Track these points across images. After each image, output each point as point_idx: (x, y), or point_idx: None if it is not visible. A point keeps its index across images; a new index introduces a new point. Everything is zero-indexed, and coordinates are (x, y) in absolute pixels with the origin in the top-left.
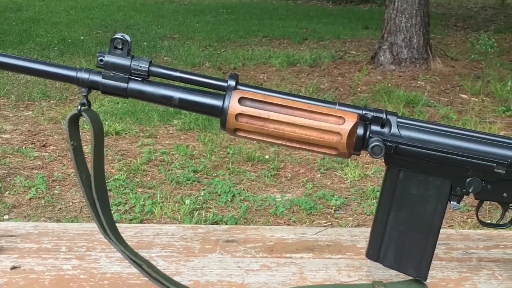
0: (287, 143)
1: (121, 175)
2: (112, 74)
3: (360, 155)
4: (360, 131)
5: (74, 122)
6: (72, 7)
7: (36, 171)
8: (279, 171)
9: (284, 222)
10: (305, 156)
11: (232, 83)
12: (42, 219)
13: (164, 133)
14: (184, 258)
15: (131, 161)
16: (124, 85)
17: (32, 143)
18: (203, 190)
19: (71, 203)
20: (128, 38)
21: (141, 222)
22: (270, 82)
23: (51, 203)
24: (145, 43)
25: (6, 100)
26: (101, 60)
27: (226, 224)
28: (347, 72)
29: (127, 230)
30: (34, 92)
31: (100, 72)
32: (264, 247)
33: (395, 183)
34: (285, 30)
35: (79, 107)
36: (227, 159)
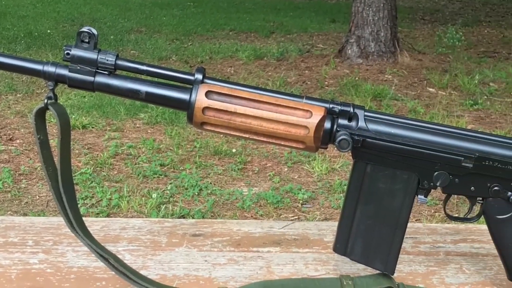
0: (254, 137)
1: (87, 168)
2: (78, 68)
3: (328, 149)
4: (327, 124)
5: (40, 116)
6: (39, 1)
7: (2, 164)
8: (246, 165)
9: (251, 216)
10: (272, 149)
11: (199, 76)
12: (9, 213)
13: (130, 126)
14: (151, 252)
15: (97, 154)
16: (90, 78)
17: None
18: (170, 184)
19: (37, 197)
20: (94, 31)
21: (107, 216)
22: (237, 75)
23: (18, 197)
24: (111, 37)
25: None
26: (67, 54)
27: (193, 218)
28: (314, 65)
29: (93, 224)
30: (0, 85)
31: (66, 65)
32: (231, 241)
33: (362, 177)
34: (252, 23)
35: (46, 101)
36: (194, 153)
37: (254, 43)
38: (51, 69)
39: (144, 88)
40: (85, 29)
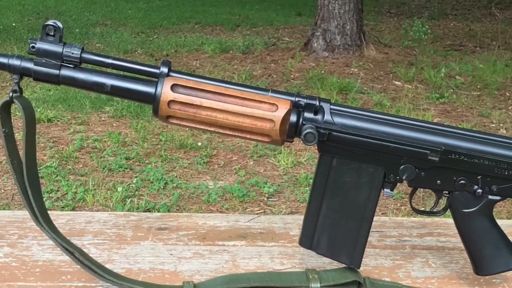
0: (220, 130)
1: (53, 162)
2: (44, 61)
3: (293, 142)
4: (293, 118)
5: (5, 109)
6: None
7: None
8: (211, 158)
9: (217, 210)
10: (238, 143)
11: (164, 70)
12: None
13: (96, 120)
14: (116, 246)
15: (63, 148)
16: (56, 72)
17: None
18: (136, 177)
19: (2, 191)
20: (60, 24)
21: (73, 209)
22: (202, 69)
23: None
24: (77, 30)
25: None
26: (33, 47)
27: (159, 211)
28: (280, 59)
29: (59, 218)
30: None
31: (32, 59)
32: (196, 235)
33: (328, 171)
34: (218, 16)
35: (11, 94)
36: (159, 146)
37: (220, 36)
38: (16, 62)
39: (109, 81)
40: (50, 22)
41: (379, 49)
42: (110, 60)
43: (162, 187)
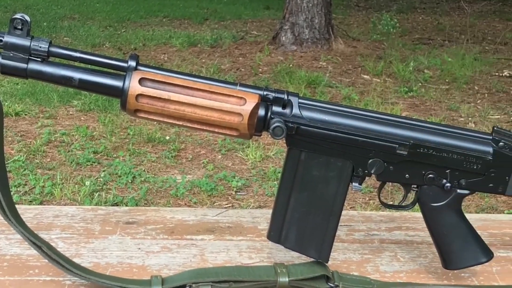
0: (188, 124)
1: (20, 156)
2: (11, 55)
3: (262, 136)
4: (261, 112)
5: None
6: None
7: None
8: (179, 152)
9: (185, 204)
10: (206, 137)
11: (132, 63)
12: None
13: (64, 114)
14: (84, 240)
15: (30, 142)
16: (23, 65)
17: None
18: (103, 171)
19: None
20: (27, 18)
21: (41, 203)
22: (170, 62)
23: None
24: (44, 24)
25: None
26: (0, 41)
27: (127, 205)
28: (248, 52)
29: (26, 212)
30: None
31: None
32: (164, 229)
33: (296, 164)
34: (186, 10)
35: None
36: (127, 140)
37: (188, 30)
38: None
39: (77, 75)
40: (18, 16)
41: (348, 42)
42: (78, 54)
43: (130, 181)
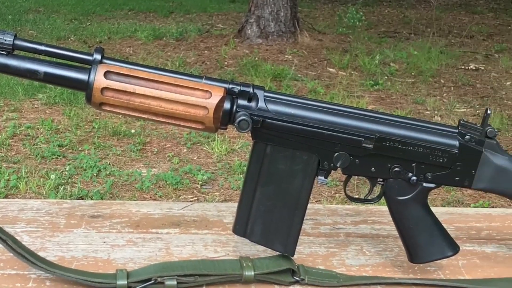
0: (154, 117)
1: None
2: None
3: (227, 130)
4: (226, 105)
5: None
6: None
7: None
8: (145, 146)
9: (150, 197)
10: (171, 130)
11: (97, 57)
12: None
13: (29, 107)
14: (49, 234)
15: None
16: None
17: None
18: (69, 164)
19: None
20: None
21: (5, 197)
22: (136, 56)
23: None
24: (9, 17)
25: None
26: None
27: (92, 199)
28: (214, 46)
29: None
30: None
31: None
32: (130, 222)
33: (262, 158)
34: (151, 3)
35: None
36: (92, 134)
37: (153, 23)
38: None
39: (42, 68)
40: None
41: (313, 36)
42: (43, 47)
43: (95, 175)
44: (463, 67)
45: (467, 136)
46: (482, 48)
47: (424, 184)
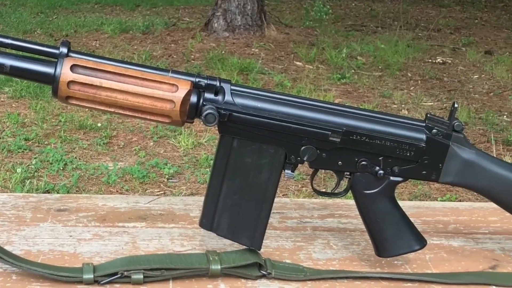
0: (120, 111)
1: None
2: None
3: (194, 123)
4: (193, 98)
5: None
6: None
7: None
8: (111, 139)
9: (117, 191)
10: (138, 124)
11: (64, 50)
12: None
13: None
14: (16, 227)
15: None
16: None
17: None
18: (35, 158)
19: None
20: None
21: None
22: (102, 49)
23: None
24: None
25: None
26: None
27: (58, 193)
28: (181, 39)
29: None
30: None
31: None
32: (96, 216)
33: (229, 152)
34: None
35: None
36: (59, 127)
37: (120, 16)
38: None
39: (8, 61)
40: None
41: (280, 29)
42: (9, 40)
43: (62, 168)
44: (430, 60)
45: (434, 130)
46: (449, 42)
47: (391, 178)
